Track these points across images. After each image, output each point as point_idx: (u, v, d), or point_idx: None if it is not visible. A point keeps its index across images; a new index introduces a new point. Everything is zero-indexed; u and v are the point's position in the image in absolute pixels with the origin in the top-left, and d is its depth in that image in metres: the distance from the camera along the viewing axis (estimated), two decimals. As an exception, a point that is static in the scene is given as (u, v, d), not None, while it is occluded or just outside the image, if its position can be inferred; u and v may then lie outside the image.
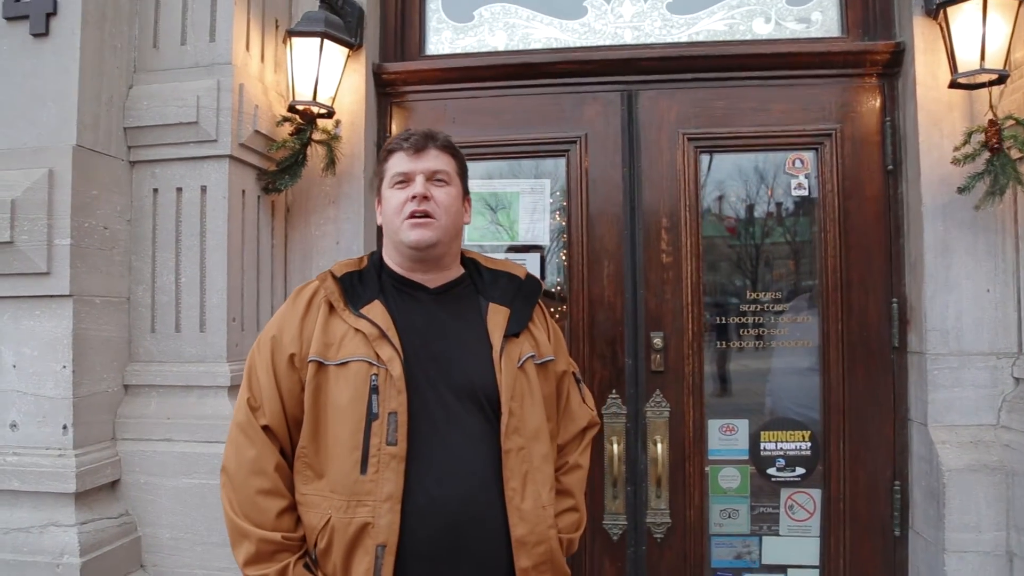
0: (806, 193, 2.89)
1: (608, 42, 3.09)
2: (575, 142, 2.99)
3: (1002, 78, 2.54)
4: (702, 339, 2.87)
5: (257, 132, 2.66)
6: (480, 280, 1.87)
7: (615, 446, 2.82)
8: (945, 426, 2.63)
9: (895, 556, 2.80)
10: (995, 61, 2.51)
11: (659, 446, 2.79)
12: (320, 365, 1.68)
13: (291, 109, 2.75)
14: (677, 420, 2.84)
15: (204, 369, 2.55)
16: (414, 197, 1.71)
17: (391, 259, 1.83)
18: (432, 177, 1.75)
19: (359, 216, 2.92)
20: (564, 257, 2.98)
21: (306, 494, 1.69)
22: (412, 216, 1.71)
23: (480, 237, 3.05)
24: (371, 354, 1.65)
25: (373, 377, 1.63)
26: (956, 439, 2.61)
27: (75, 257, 2.34)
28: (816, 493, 2.85)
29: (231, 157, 2.57)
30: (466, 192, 1.88)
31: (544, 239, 3.03)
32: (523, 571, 1.64)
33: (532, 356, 1.78)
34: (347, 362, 1.66)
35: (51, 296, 2.34)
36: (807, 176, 2.90)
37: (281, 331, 1.75)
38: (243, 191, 2.66)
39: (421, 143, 1.76)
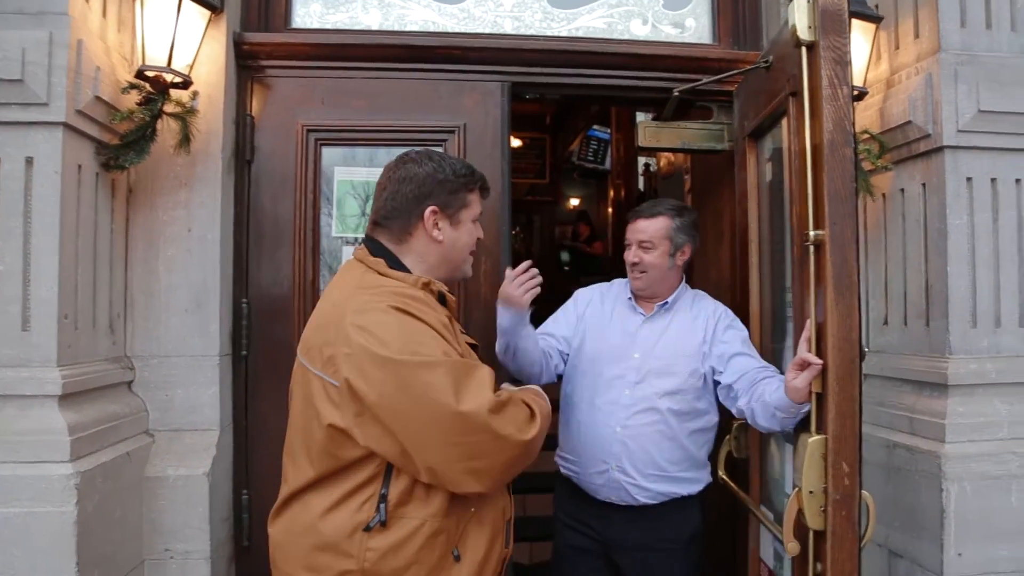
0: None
1: (488, 30, 2.99)
2: (453, 132, 2.86)
3: (861, 95, 2.72)
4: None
5: (98, 99, 2.29)
6: None
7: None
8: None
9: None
10: (856, 79, 2.68)
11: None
12: None
13: (139, 75, 2.39)
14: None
15: (27, 375, 2.14)
16: (478, 238, 1.89)
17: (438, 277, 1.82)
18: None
19: (215, 201, 2.61)
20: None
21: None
22: (472, 253, 1.89)
23: (352, 228, 2.83)
24: None
25: None
26: (815, 432, 2.76)
27: None
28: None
29: (65, 125, 2.19)
30: None
31: (420, 232, 2.86)
32: None
33: None
34: None
35: None
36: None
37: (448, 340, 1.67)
38: (79, 166, 2.28)
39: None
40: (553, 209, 7.94)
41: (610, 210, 7.08)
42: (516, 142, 7.06)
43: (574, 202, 7.98)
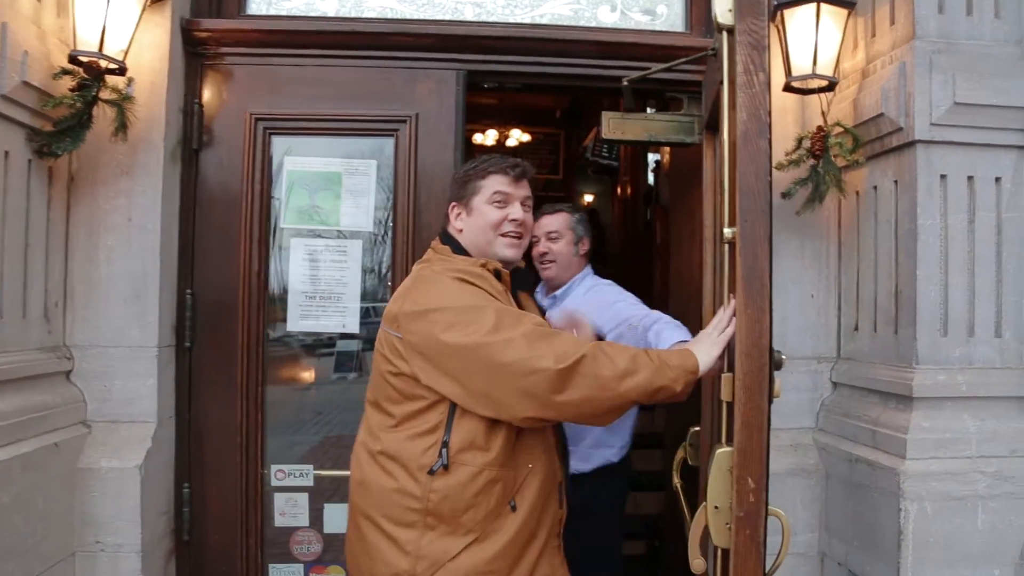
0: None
1: (448, 16, 2.89)
2: (405, 121, 2.78)
3: (832, 85, 2.55)
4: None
5: (27, 84, 2.26)
6: None
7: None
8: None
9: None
10: (826, 68, 2.52)
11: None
12: None
13: (73, 60, 2.35)
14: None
15: (-57, 362, 2.14)
16: (513, 220, 1.95)
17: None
18: (524, 202, 2.00)
19: (156, 190, 2.58)
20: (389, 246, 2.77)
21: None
22: (508, 235, 1.96)
23: (296, 220, 2.77)
24: None
25: None
26: (776, 442, 2.59)
27: None
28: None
29: (-12, 111, 2.17)
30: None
31: (367, 226, 2.80)
32: None
33: None
34: None
35: None
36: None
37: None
38: (7, 152, 2.25)
39: (522, 174, 2.00)
40: (566, 205, 7.80)
41: (618, 207, 6.92)
42: (526, 137, 7.06)
43: (588, 198, 7.83)
